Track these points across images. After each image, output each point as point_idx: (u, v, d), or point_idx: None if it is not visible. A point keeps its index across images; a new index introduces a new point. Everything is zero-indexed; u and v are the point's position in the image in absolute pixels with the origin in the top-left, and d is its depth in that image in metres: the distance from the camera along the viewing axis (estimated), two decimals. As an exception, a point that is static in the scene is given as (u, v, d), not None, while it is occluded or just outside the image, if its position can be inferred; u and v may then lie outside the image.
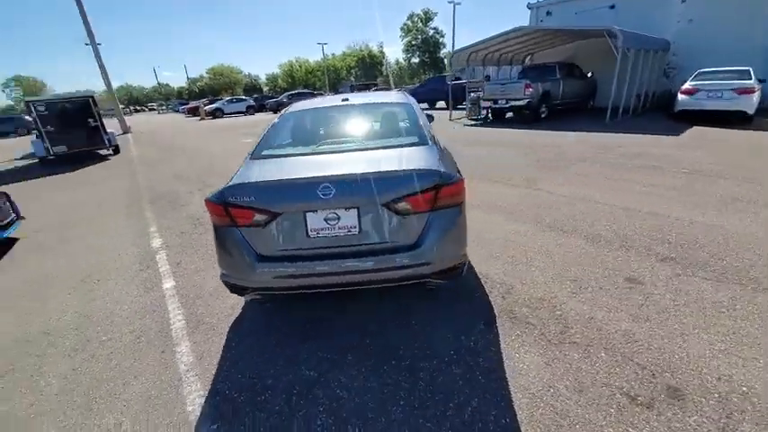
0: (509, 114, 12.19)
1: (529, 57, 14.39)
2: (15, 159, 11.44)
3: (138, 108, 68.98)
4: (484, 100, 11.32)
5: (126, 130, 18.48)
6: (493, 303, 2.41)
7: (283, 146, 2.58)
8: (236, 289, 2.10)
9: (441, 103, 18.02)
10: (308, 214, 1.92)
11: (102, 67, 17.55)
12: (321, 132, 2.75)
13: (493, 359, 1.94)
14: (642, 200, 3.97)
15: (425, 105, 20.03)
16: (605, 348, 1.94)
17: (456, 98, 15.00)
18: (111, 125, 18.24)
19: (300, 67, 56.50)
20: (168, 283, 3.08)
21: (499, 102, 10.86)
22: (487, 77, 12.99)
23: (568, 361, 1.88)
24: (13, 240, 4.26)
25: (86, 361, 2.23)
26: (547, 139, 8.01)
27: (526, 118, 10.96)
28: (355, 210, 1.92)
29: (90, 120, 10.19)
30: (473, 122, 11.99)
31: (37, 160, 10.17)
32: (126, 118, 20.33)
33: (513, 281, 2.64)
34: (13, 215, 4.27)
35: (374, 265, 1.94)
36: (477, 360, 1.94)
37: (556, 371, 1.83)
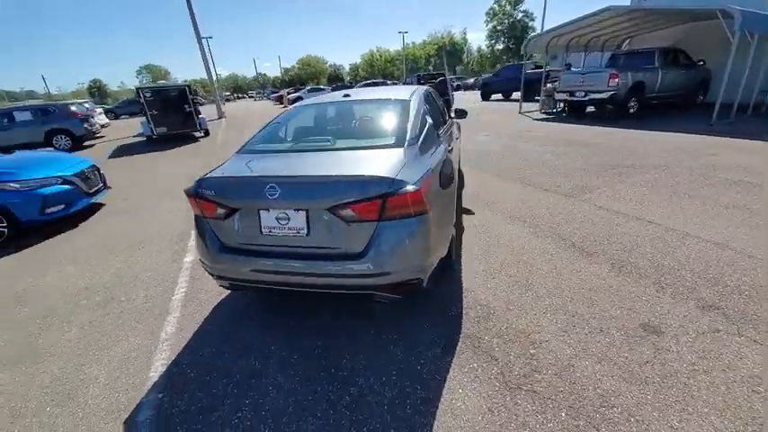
0: (590, 109, 10.67)
1: (627, 41, 12.23)
2: (133, 136, 13.94)
3: (240, 95, 78.15)
4: (558, 92, 10.05)
5: (221, 116, 21.08)
6: (462, 326, 2.17)
7: (272, 141, 2.64)
8: (208, 273, 2.27)
9: (517, 95, 16.56)
10: (262, 212, 1.95)
11: (205, 59, 20.18)
12: (308, 130, 2.76)
13: (432, 390, 1.76)
14: (712, 226, 3.13)
15: (499, 96, 18.66)
16: (569, 408, 1.60)
17: (534, 89, 13.63)
18: (210, 111, 20.96)
19: (380, 56, 57.29)
20: (188, 258, 3.46)
21: (576, 94, 9.52)
22: (568, 66, 11.46)
23: (516, 412, 1.60)
24: (99, 206, 5.24)
25: (102, 316, 2.65)
26: (626, 139, 6.80)
27: (610, 114, 9.45)
28: (304, 212, 1.89)
29: (185, 106, 11.85)
30: (545, 117, 10.80)
31: (145, 138, 12.27)
32: (228, 104, 23.21)
33: (498, 304, 2.34)
34: (101, 184, 5.24)
35: (319, 269, 1.90)
36: (414, 387, 1.78)
37: (495, 420, 1.58)
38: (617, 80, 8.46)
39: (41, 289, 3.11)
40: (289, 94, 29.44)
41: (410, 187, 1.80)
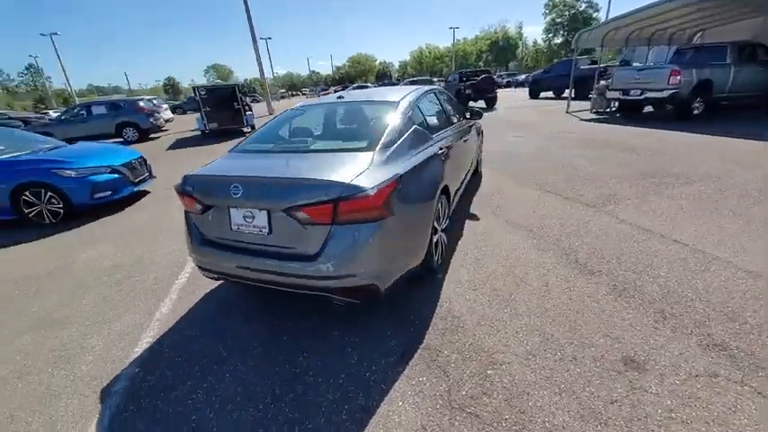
0: (648, 109, 9.60)
1: (698, 35, 10.75)
2: (191, 131, 15.30)
3: (295, 93, 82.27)
4: (611, 90, 9.15)
5: (271, 112, 22.33)
6: (426, 337, 2.10)
7: (261, 142, 2.74)
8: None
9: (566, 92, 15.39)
10: (231, 209, 2.05)
11: (258, 60, 21.52)
12: (296, 131, 2.82)
13: (373, 399, 1.73)
14: (751, 250, 2.65)
15: (549, 94, 17.45)
16: (509, 437, 1.48)
17: (589, 87, 12.55)
18: (262, 108, 22.21)
19: (429, 53, 56.53)
20: (201, 246, 3.74)
21: (631, 92, 8.60)
22: (624, 62, 10.38)
23: (450, 434, 1.52)
24: (144, 193, 5.85)
25: (116, 293, 2.97)
26: (681, 144, 6.01)
27: (670, 115, 8.42)
28: (266, 212, 1.95)
29: (234, 103, 12.74)
30: (594, 117, 9.91)
31: (200, 132, 13.41)
32: (282, 101, 24.51)
33: (471, 318, 2.22)
34: (147, 173, 5.85)
35: (277, 267, 1.96)
36: (357, 394, 1.77)
37: (425, 439, 1.51)
38: (679, 77, 7.49)
39: (78, 264, 3.56)
40: (335, 91, 30.38)
41: (364, 193, 1.78)
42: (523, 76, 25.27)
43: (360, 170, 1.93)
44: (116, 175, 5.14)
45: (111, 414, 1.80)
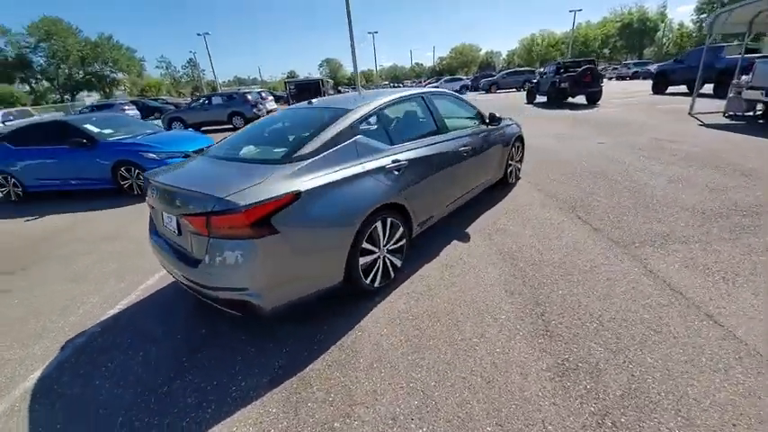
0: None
1: None
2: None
3: (396, 85, 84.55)
4: (750, 88, 6.78)
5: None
6: (308, 367, 1.97)
7: (220, 147, 2.82)
8: None
9: (708, 87, 12.02)
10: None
11: (353, 54, 22.46)
12: (250, 137, 2.84)
13: (218, 415, 1.73)
14: None
15: (682, 89, 13.86)
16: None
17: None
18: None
19: (542, 40, 50.67)
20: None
21: (785, 92, 6.23)
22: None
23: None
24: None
25: (136, 260, 3.58)
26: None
27: None
28: (175, 215, 2.08)
29: (318, 96, 13.80)
30: (726, 122, 7.53)
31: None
32: None
33: (367, 357, 1.99)
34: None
35: (179, 267, 2.08)
36: (211, 404, 1.79)
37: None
38: None
39: (131, 232, 4.41)
40: (427, 84, 30.00)
41: (232, 210, 1.75)
42: (655, 66, 20.47)
43: (251, 183, 1.89)
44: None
45: (60, 359, 2.22)
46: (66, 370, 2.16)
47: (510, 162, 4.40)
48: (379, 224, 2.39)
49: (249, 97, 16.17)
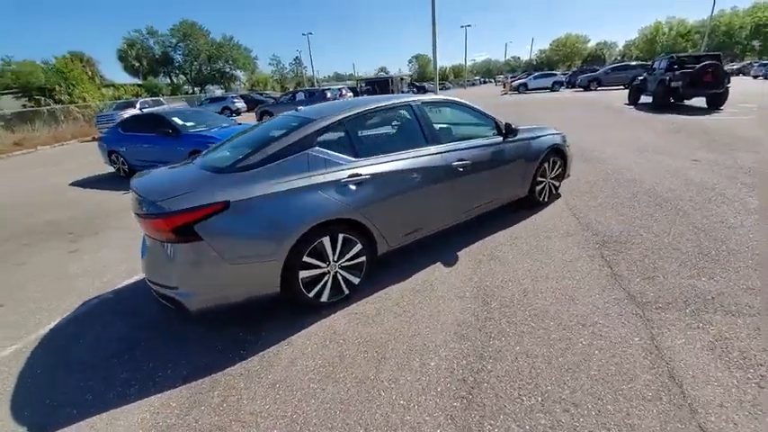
0: None
1: None
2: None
3: (487, 80, 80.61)
4: None
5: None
6: (225, 370, 2.04)
7: (209, 152, 2.93)
8: None
9: None
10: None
11: (434, 49, 22.10)
12: (233, 144, 2.89)
13: (129, 398, 1.91)
14: None
15: None
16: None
17: None
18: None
19: (669, 29, 42.06)
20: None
21: None
22: None
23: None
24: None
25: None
26: None
27: None
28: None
29: (386, 93, 13.93)
30: None
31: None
32: (469, 89, 24.54)
33: (275, 372, 1.96)
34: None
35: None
36: (135, 386, 1.98)
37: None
38: None
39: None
40: (513, 80, 27.57)
41: (157, 215, 1.88)
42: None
43: (188, 190, 2.00)
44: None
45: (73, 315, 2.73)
46: (74, 323, 2.63)
47: (540, 179, 3.81)
48: (326, 240, 2.31)
49: (328, 94, 17.22)
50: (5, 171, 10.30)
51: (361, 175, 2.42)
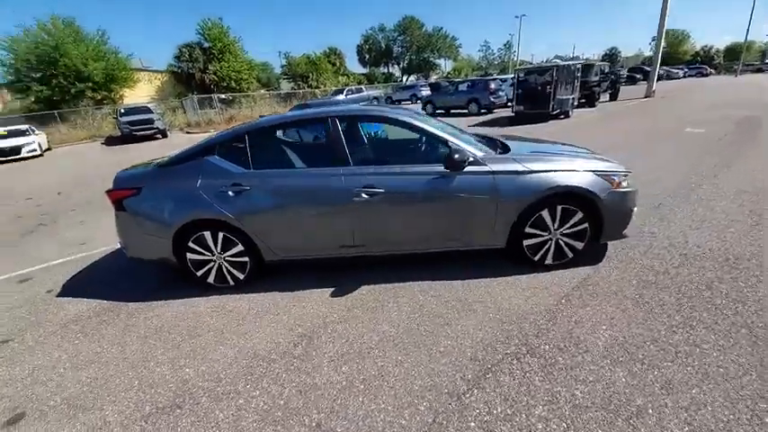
0: None
1: None
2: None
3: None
4: None
5: (647, 94, 17.21)
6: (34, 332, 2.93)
7: None
8: None
9: None
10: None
11: (661, 25, 16.22)
12: None
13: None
14: None
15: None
16: None
17: None
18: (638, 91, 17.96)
19: None
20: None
21: None
22: None
23: None
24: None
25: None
26: None
27: None
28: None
29: (548, 87, 11.74)
30: None
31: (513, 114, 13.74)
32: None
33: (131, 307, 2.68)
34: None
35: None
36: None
37: None
38: None
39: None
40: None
41: (108, 191, 2.86)
42: None
43: (135, 177, 2.91)
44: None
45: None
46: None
47: (532, 230, 2.74)
48: (208, 234, 2.77)
49: (492, 85, 16.06)
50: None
51: (241, 185, 2.68)
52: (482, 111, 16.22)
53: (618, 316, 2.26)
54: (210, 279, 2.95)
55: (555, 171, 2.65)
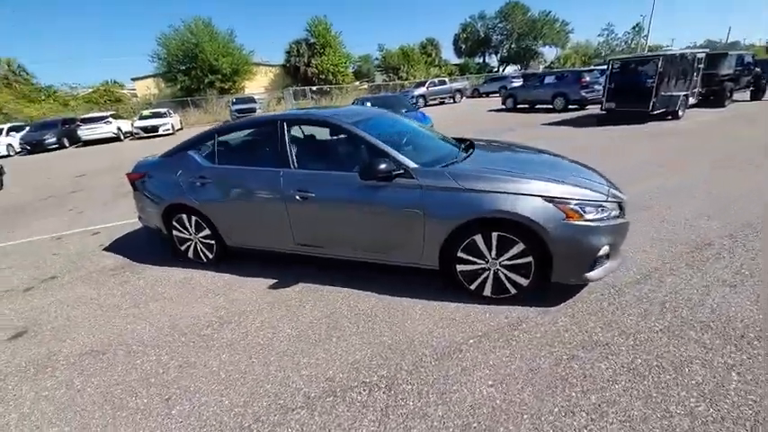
0: None
1: None
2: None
3: None
4: None
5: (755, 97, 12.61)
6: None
7: None
8: None
9: None
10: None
11: None
12: None
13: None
14: None
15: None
16: None
17: None
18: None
19: None
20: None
21: None
22: None
23: None
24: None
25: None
26: None
27: None
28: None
29: (648, 80, 9.64)
30: None
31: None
32: None
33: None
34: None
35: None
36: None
37: None
38: None
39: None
40: None
41: (127, 173, 3.61)
42: None
43: (147, 163, 3.60)
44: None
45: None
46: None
47: (467, 257, 2.49)
48: (185, 216, 3.29)
49: (586, 78, 13.90)
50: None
51: (205, 177, 3.09)
52: (570, 106, 14.26)
53: (517, 375, 1.93)
54: (190, 254, 3.49)
55: (495, 192, 2.33)
